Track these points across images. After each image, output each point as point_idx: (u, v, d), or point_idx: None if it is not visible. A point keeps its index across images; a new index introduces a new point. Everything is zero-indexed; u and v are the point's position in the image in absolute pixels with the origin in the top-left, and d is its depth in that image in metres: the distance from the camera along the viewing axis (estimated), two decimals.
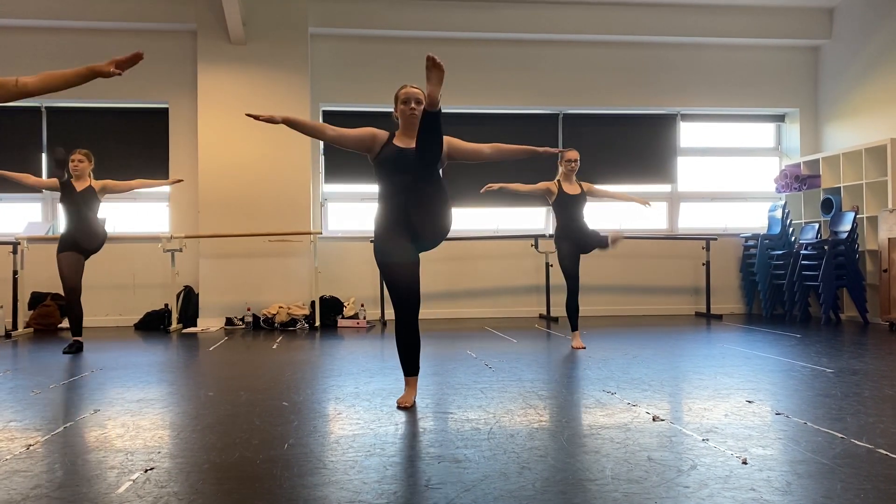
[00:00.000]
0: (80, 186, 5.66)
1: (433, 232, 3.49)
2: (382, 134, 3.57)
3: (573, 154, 5.61)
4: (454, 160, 3.69)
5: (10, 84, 2.87)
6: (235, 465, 2.45)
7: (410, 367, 3.54)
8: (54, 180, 5.69)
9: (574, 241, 5.57)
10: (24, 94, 2.90)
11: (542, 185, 5.66)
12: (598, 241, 5.58)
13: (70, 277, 5.59)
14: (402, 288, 3.44)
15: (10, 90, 2.87)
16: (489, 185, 5.55)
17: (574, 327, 5.63)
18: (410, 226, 3.45)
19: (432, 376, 4.27)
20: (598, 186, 5.86)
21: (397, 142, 3.54)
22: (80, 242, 5.61)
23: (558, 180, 5.64)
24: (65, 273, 5.59)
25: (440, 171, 3.52)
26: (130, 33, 7.88)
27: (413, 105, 3.52)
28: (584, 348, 5.43)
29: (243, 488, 2.22)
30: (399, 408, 3.37)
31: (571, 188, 5.60)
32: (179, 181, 6.42)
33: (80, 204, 5.63)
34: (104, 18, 7.68)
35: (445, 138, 3.53)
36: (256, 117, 3.41)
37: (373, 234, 3.58)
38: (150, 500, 2.10)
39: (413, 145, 3.46)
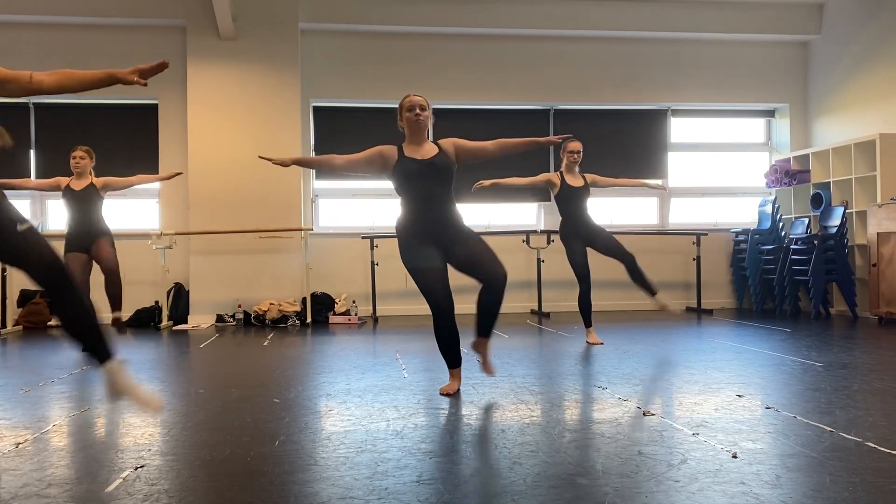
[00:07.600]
0: (81, 185, 5.61)
1: (455, 234, 3.69)
2: (390, 148, 3.69)
3: (575, 145, 5.42)
4: (463, 162, 3.78)
5: (24, 79, 2.68)
6: (226, 462, 2.45)
7: (451, 360, 3.78)
8: (54, 181, 5.64)
9: (583, 238, 5.44)
10: (37, 92, 2.71)
11: (543, 176, 5.54)
12: (621, 256, 5.49)
13: (77, 278, 5.54)
14: (431, 291, 3.65)
15: (23, 85, 2.68)
16: (480, 182, 5.37)
17: (588, 324, 5.59)
18: (431, 232, 3.63)
19: (423, 372, 4.28)
20: (602, 176, 5.67)
21: (409, 152, 3.64)
22: (84, 242, 5.54)
23: (560, 172, 5.51)
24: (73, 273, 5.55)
25: (454, 177, 3.73)
26: (119, 29, 7.83)
27: (418, 111, 3.62)
28: (602, 343, 5.40)
29: (234, 485, 2.21)
30: (442, 394, 3.61)
31: (575, 180, 5.44)
32: (178, 174, 6.33)
33: (81, 202, 5.58)
34: (92, 14, 7.62)
35: (453, 141, 3.74)
36: (269, 160, 3.71)
37: (397, 242, 3.72)
38: (140, 497, 2.10)
39: (425, 155, 3.62)
